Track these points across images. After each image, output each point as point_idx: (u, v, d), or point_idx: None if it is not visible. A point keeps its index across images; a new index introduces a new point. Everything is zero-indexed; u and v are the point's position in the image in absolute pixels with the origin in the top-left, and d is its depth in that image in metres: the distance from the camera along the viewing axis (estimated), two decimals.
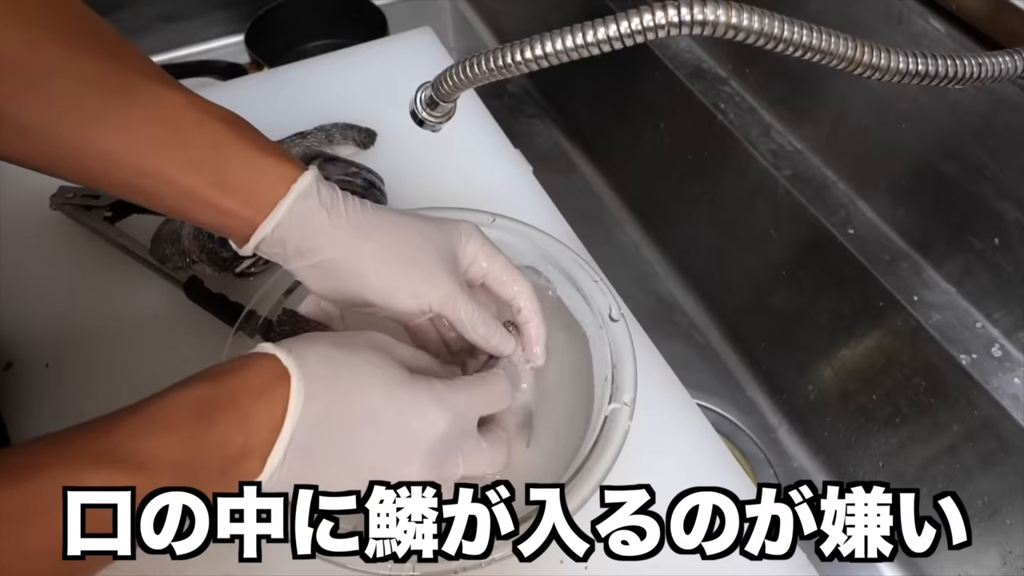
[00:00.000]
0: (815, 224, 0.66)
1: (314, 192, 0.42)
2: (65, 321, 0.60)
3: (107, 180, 0.41)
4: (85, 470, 0.31)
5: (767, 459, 0.75)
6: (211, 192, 0.41)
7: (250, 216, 0.41)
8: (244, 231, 0.42)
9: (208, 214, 0.42)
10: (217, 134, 0.41)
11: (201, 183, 0.41)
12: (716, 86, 0.76)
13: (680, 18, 0.31)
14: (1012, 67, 0.40)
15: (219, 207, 0.41)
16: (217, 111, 0.42)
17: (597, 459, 0.43)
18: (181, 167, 0.40)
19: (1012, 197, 0.52)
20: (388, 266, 0.44)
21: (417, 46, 0.83)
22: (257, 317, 0.51)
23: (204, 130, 0.41)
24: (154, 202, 0.42)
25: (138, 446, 0.33)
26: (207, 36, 1.14)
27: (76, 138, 0.39)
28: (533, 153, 0.76)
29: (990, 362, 0.56)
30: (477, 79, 0.37)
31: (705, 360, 0.83)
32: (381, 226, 0.44)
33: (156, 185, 0.41)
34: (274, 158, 0.42)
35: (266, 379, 0.37)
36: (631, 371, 0.47)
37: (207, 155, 0.41)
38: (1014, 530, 0.55)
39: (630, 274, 0.89)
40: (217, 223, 0.42)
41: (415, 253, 0.44)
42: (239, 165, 0.41)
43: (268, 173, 0.42)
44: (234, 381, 0.36)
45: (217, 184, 0.41)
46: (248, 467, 0.36)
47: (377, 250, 0.43)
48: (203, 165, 0.41)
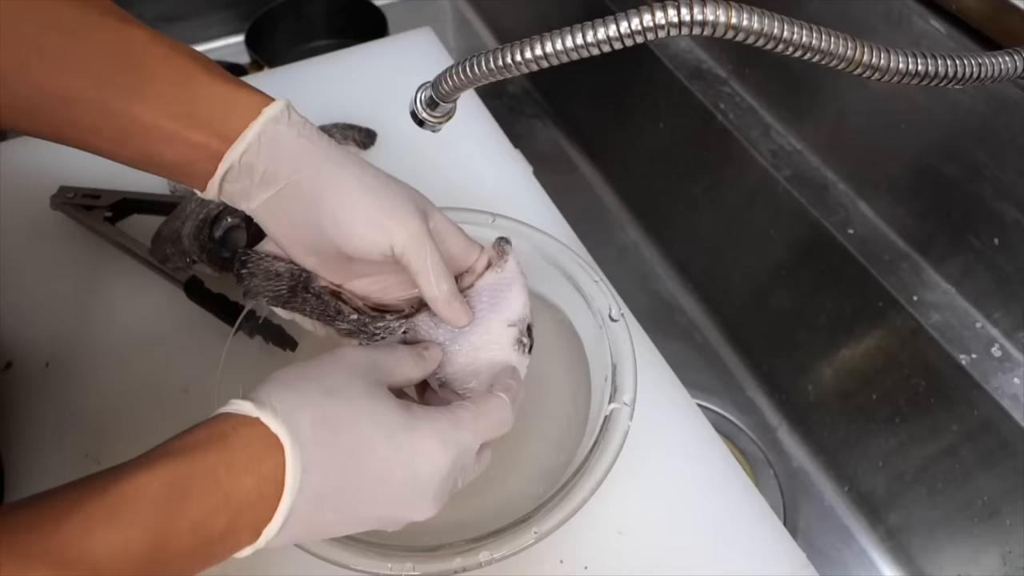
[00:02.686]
0: (815, 224, 0.66)
1: (285, 118, 0.41)
2: (65, 321, 0.60)
3: (71, 127, 0.39)
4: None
5: (767, 459, 0.75)
6: (178, 126, 0.39)
7: (217, 147, 0.40)
8: (209, 167, 0.40)
9: (174, 151, 0.40)
10: (184, 68, 0.40)
11: (168, 118, 0.39)
12: (716, 86, 0.76)
13: (680, 18, 0.31)
14: (1012, 67, 0.40)
15: (187, 140, 0.39)
16: (182, 47, 0.41)
17: (597, 459, 0.43)
18: (147, 103, 0.39)
19: (1012, 197, 0.52)
20: (353, 193, 0.41)
21: (417, 46, 0.83)
22: (257, 317, 0.51)
23: (170, 65, 0.39)
24: (119, 147, 0.40)
25: (91, 543, 0.28)
26: (207, 36, 1.14)
27: (38, 84, 0.38)
28: (533, 153, 0.76)
29: (990, 362, 0.56)
30: (477, 79, 0.37)
31: (705, 360, 0.83)
32: (354, 162, 0.42)
33: (122, 125, 0.39)
34: (245, 90, 0.41)
35: (252, 451, 0.33)
36: (631, 371, 0.47)
37: (174, 89, 0.39)
38: (1014, 530, 0.55)
39: (630, 274, 0.89)
40: (183, 160, 0.40)
41: (383, 188, 0.42)
42: (208, 98, 0.40)
43: (238, 103, 0.40)
44: (212, 456, 0.32)
45: (185, 117, 0.39)
46: (237, 545, 0.33)
47: (344, 176, 0.41)
48: (170, 100, 0.39)
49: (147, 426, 0.54)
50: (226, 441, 0.33)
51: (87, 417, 0.55)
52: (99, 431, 0.54)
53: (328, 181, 0.41)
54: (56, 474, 0.52)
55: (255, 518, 0.32)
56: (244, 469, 0.32)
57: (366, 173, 0.42)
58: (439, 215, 0.45)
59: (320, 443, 0.34)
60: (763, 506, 0.51)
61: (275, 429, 0.33)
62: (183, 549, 0.30)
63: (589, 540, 0.48)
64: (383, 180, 0.42)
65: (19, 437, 0.54)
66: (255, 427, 0.33)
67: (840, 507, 0.72)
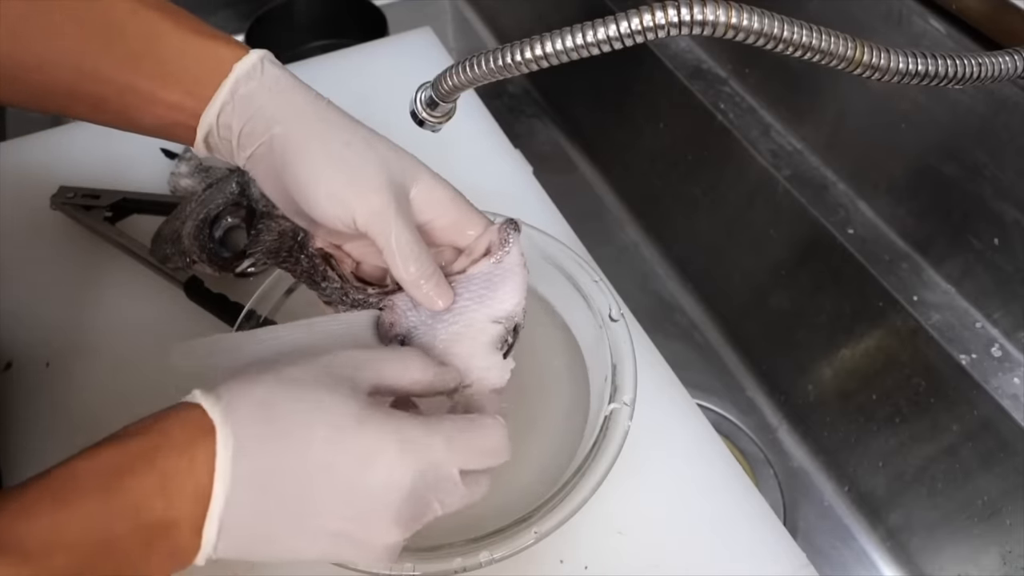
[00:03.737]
0: (815, 224, 0.66)
1: (258, 73, 0.39)
2: (65, 321, 0.60)
3: (48, 95, 0.39)
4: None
5: (767, 459, 0.75)
6: (152, 85, 0.38)
7: (193, 107, 0.39)
8: (190, 127, 0.39)
9: (154, 113, 0.39)
10: (152, 23, 0.38)
11: (141, 77, 0.38)
12: (716, 86, 0.76)
13: (680, 18, 0.31)
14: (1012, 67, 0.40)
15: (163, 100, 0.38)
16: (152, 1, 0.39)
17: (597, 459, 0.43)
18: (118, 63, 0.38)
19: (1012, 197, 0.52)
20: (315, 163, 0.39)
21: (417, 46, 0.83)
22: (257, 317, 0.51)
23: (137, 20, 0.38)
24: (100, 111, 0.39)
25: (26, 529, 0.27)
26: None
27: (7, 53, 0.37)
28: (533, 153, 0.76)
29: (990, 362, 0.56)
30: (477, 79, 0.37)
31: (705, 360, 0.82)
32: (328, 119, 0.40)
33: (97, 88, 0.38)
34: (216, 41, 0.39)
35: (189, 433, 0.31)
36: (631, 371, 0.46)
37: (143, 47, 0.38)
38: (1014, 530, 0.55)
39: (630, 274, 0.89)
40: (167, 122, 0.39)
41: (350, 155, 0.39)
42: (178, 53, 0.38)
43: (209, 57, 0.39)
44: (151, 439, 0.31)
45: (158, 76, 0.38)
46: (180, 540, 0.30)
47: (311, 142, 0.39)
48: (141, 58, 0.38)
49: None
50: (166, 423, 0.31)
51: (87, 417, 0.55)
52: (99, 431, 0.54)
53: (295, 146, 0.39)
54: None
55: (192, 509, 0.30)
56: (180, 452, 0.30)
57: (336, 138, 0.40)
58: (429, 181, 0.41)
59: (255, 426, 0.31)
60: (763, 506, 0.51)
61: (211, 412, 0.31)
62: (122, 536, 0.29)
63: (589, 540, 0.48)
64: (355, 147, 0.40)
65: (19, 437, 0.54)
66: (194, 411, 0.32)
67: (840, 507, 0.72)
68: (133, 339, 0.59)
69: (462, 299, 0.42)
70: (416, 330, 0.42)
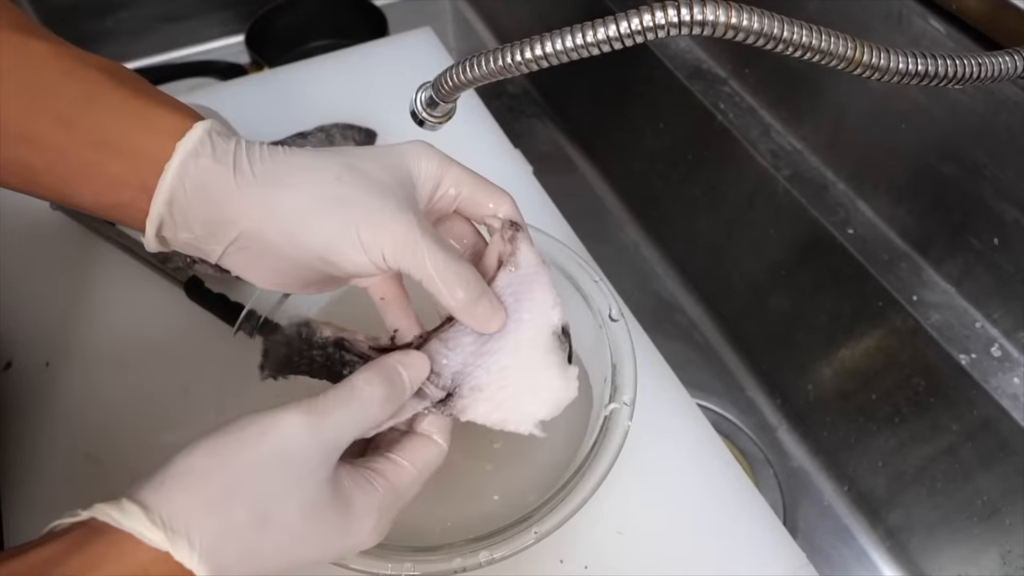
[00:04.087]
0: (815, 224, 0.66)
1: (207, 148, 0.34)
2: (65, 321, 0.60)
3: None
4: None
5: (767, 459, 0.75)
6: (89, 156, 0.33)
7: (139, 183, 0.33)
8: (142, 208, 0.34)
9: (95, 187, 0.34)
10: (90, 85, 0.33)
11: (75, 145, 0.33)
12: (716, 86, 0.76)
13: (680, 18, 0.31)
14: (1012, 67, 0.40)
15: (103, 175, 0.33)
16: (93, 59, 0.35)
17: (597, 459, 0.43)
18: (50, 127, 0.33)
19: (1012, 197, 0.52)
20: (318, 214, 0.34)
21: (417, 46, 0.83)
22: (257, 317, 0.51)
23: (73, 81, 0.33)
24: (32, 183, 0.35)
25: None
26: (207, 36, 1.14)
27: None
28: (533, 153, 0.76)
29: (989, 362, 0.56)
30: (477, 79, 0.37)
31: (705, 360, 0.83)
32: (300, 168, 0.35)
33: (25, 155, 0.33)
34: (160, 108, 0.34)
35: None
36: (631, 371, 0.46)
37: (79, 110, 0.33)
38: (1014, 530, 0.55)
39: (630, 274, 0.89)
40: (108, 201, 0.34)
41: (349, 191, 0.34)
42: (117, 119, 0.33)
43: (151, 128, 0.34)
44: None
45: (95, 146, 0.33)
46: None
47: (300, 198, 0.34)
48: (75, 123, 0.33)
49: (147, 426, 0.54)
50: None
51: (87, 417, 0.55)
52: (99, 431, 0.54)
53: (286, 218, 0.34)
54: (56, 474, 0.52)
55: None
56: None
57: (322, 178, 0.35)
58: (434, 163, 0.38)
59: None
60: (763, 506, 0.51)
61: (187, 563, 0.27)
62: None
63: (589, 540, 0.48)
64: (347, 180, 0.35)
65: (19, 437, 0.54)
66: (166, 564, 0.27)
67: (840, 507, 0.72)
68: (133, 339, 0.59)
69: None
70: (461, 374, 0.38)
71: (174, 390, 0.56)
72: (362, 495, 0.33)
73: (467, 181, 0.39)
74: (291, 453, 0.31)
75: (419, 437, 0.37)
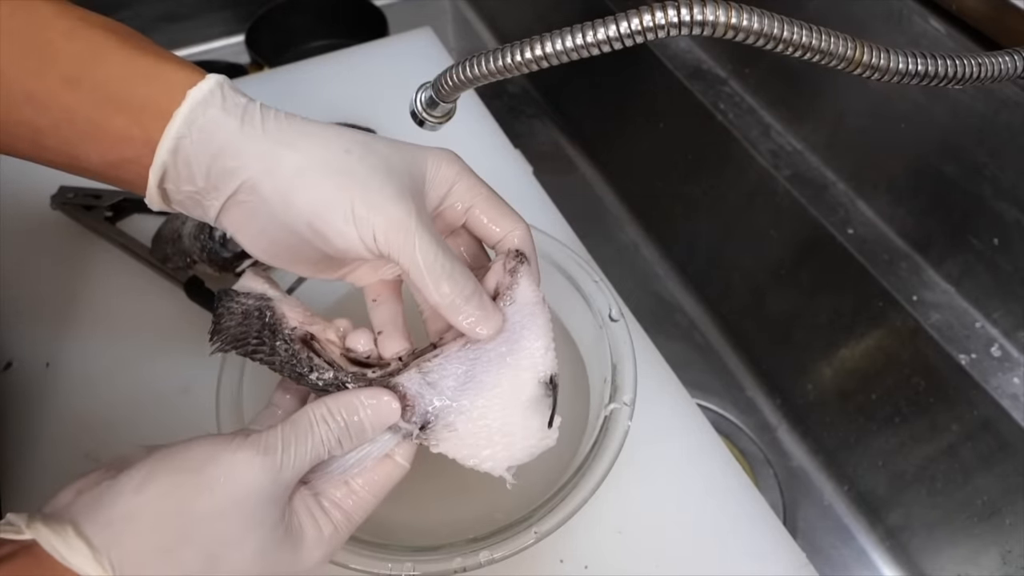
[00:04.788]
0: (815, 224, 0.66)
1: (217, 99, 0.33)
2: (65, 321, 0.60)
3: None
4: None
5: (766, 458, 0.75)
6: (94, 113, 0.33)
7: (143, 138, 0.33)
8: (145, 163, 0.33)
9: (99, 147, 0.33)
10: (94, 43, 0.33)
11: (81, 103, 0.32)
12: (716, 86, 0.76)
13: (680, 18, 0.31)
14: (1012, 67, 0.40)
15: (107, 131, 0.33)
16: (97, 19, 0.34)
17: (597, 459, 0.43)
18: (55, 86, 0.32)
19: (1012, 197, 0.52)
20: (315, 179, 0.33)
21: (417, 46, 0.83)
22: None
23: (77, 39, 0.33)
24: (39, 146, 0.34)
25: None
26: (207, 36, 1.14)
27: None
28: (533, 153, 0.76)
29: (989, 362, 0.56)
30: (477, 79, 0.37)
31: (705, 360, 0.83)
32: (312, 135, 0.34)
33: (32, 117, 0.33)
34: (167, 63, 0.34)
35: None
36: (631, 371, 0.47)
37: (83, 69, 0.33)
38: (1014, 530, 0.55)
39: (630, 274, 0.89)
40: (113, 158, 0.34)
41: (355, 165, 0.34)
42: (122, 77, 0.33)
43: (159, 81, 0.33)
44: None
45: (100, 103, 0.33)
46: None
47: (302, 160, 0.33)
48: (80, 81, 0.33)
49: (147, 426, 0.54)
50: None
51: (87, 417, 0.55)
52: (99, 431, 0.54)
53: (285, 176, 0.33)
54: (56, 474, 0.52)
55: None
56: None
57: (333, 151, 0.34)
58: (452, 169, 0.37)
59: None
60: (763, 506, 0.51)
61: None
62: None
63: (589, 540, 0.48)
64: (356, 153, 0.34)
65: (19, 437, 0.54)
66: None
67: (840, 507, 0.72)
68: (133, 339, 0.59)
69: (480, 361, 0.35)
70: (436, 409, 0.36)
71: (174, 390, 0.56)
72: (314, 528, 0.33)
73: (482, 195, 0.38)
74: (248, 498, 0.30)
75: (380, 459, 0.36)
